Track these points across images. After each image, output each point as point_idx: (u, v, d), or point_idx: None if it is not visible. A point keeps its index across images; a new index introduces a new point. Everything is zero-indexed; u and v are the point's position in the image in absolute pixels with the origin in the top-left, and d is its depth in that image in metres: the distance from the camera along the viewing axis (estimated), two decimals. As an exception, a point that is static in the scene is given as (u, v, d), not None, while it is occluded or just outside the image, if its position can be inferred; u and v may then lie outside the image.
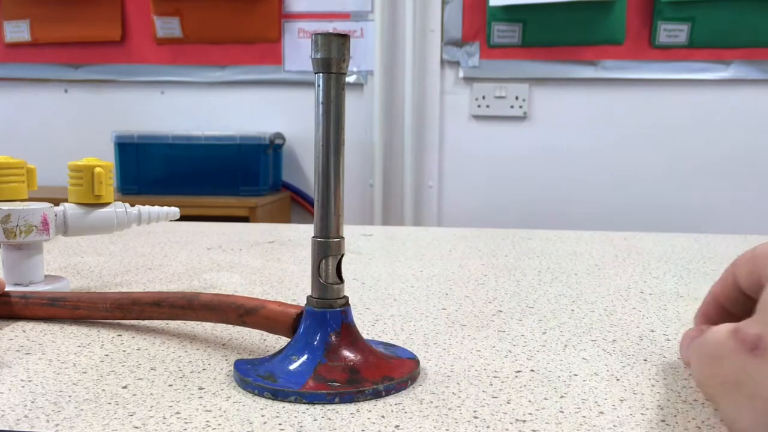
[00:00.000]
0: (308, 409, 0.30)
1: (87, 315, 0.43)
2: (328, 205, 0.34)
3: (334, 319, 0.34)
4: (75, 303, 0.43)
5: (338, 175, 0.34)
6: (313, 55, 0.33)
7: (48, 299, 0.44)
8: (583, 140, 2.18)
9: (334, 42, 0.33)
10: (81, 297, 0.44)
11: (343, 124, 0.34)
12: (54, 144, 2.32)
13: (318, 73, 0.33)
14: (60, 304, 0.44)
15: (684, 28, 2.06)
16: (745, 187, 2.13)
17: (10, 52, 2.37)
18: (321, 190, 0.34)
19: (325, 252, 0.34)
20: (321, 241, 0.34)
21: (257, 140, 2.09)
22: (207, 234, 0.83)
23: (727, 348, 0.26)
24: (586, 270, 0.64)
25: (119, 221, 0.52)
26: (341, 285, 0.34)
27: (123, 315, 0.42)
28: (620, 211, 2.16)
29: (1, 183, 0.48)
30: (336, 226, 0.34)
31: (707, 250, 0.75)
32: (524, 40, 2.14)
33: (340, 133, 0.34)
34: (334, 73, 0.33)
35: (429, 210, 2.26)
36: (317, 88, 0.33)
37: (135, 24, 2.31)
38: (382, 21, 2.18)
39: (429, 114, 2.22)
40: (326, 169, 0.33)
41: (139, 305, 0.42)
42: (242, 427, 0.28)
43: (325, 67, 0.33)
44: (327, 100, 0.33)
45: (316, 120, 0.33)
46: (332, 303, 0.34)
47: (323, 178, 0.34)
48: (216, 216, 1.85)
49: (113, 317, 0.43)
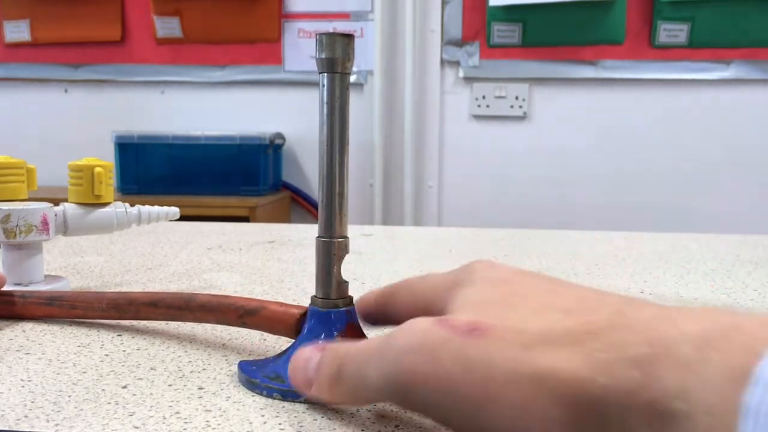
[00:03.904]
0: (308, 409, 0.30)
1: (83, 315, 0.43)
2: (333, 204, 0.34)
3: (339, 319, 0.34)
4: (72, 302, 0.43)
5: (342, 175, 0.34)
6: (317, 55, 0.33)
7: (46, 299, 0.44)
8: (583, 140, 2.18)
9: (338, 42, 0.33)
10: (78, 296, 0.44)
11: (348, 124, 0.34)
12: (54, 144, 2.32)
13: (323, 73, 0.33)
14: (57, 303, 0.43)
15: (684, 27, 2.06)
16: (745, 187, 2.13)
17: (10, 52, 2.37)
18: (326, 190, 0.34)
19: (330, 252, 0.34)
20: (326, 241, 0.34)
21: (257, 140, 2.09)
22: (207, 234, 0.83)
23: (440, 338, 0.23)
24: (586, 270, 0.64)
25: (119, 221, 0.52)
26: (346, 284, 0.34)
27: (119, 315, 0.42)
28: (620, 211, 2.16)
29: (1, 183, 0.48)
30: (340, 225, 0.34)
31: (707, 250, 0.75)
32: (524, 40, 2.14)
33: (344, 133, 0.34)
34: (338, 73, 0.33)
35: (429, 210, 2.27)
36: (322, 88, 0.33)
37: (135, 24, 2.31)
38: (382, 21, 2.18)
39: (429, 114, 2.22)
40: (331, 169, 0.33)
41: (136, 305, 0.41)
42: (242, 427, 0.28)
43: (330, 66, 0.33)
44: (332, 100, 0.33)
45: (321, 120, 0.33)
46: (337, 303, 0.34)
47: (328, 178, 0.34)
48: (216, 216, 1.85)
49: (109, 317, 0.43)
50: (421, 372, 0.23)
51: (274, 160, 2.22)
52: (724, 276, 0.62)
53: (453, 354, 0.22)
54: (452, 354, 0.22)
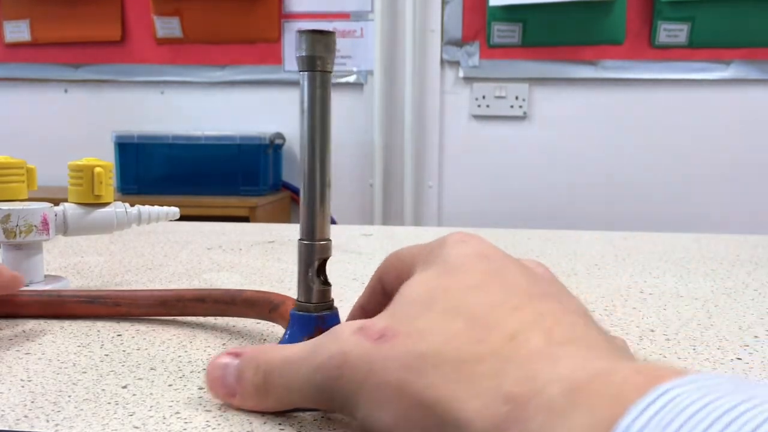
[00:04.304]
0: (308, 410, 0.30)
1: (127, 312, 0.44)
2: (314, 207, 0.33)
3: (312, 324, 0.33)
4: (116, 300, 0.44)
5: (324, 177, 0.33)
6: (297, 53, 0.32)
7: (87, 297, 0.44)
8: (583, 140, 2.18)
9: (319, 39, 0.32)
10: (121, 294, 0.44)
11: (329, 124, 0.33)
12: (54, 144, 2.32)
13: (303, 72, 0.32)
14: (100, 301, 0.44)
15: (684, 28, 2.06)
16: (745, 187, 2.13)
17: (10, 52, 2.37)
18: (307, 192, 0.33)
19: (311, 255, 0.33)
20: (307, 244, 0.33)
21: (257, 140, 2.09)
22: (207, 234, 0.83)
23: (352, 343, 0.24)
24: (586, 270, 0.64)
25: (119, 221, 0.52)
26: (326, 288, 0.33)
27: (166, 311, 0.43)
28: (620, 211, 2.16)
29: (1, 183, 0.48)
30: (322, 228, 0.34)
31: (707, 250, 0.75)
32: (524, 40, 2.14)
33: (326, 133, 0.33)
34: (319, 71, 0.32)
35: (429, 210, 2.27)
36: (302, 87, 0.33)
37: (135, 24, 2.31)
38: (382, 21, 2.18)
39: (429, 114, 2.22)
40: (312, 171, 0.33)
41: (183, 301, 0.42)
42: (242, 427, 0.28)
43: (310, 65, 0.32)
44: (312, 100, 0.32)
45: (302, 120, 0.33)
46: (312, 307, 0.33)
47: (309, 180, 0.33)
48: (216, 216, 1.85)
49: (155, 314, 0.43)
50: (336, 376, 0.25)
51: (274, 160, 2.22)
52: (724, 276, 0.62)
53: (360, 357, 0.24)
54: (359, 357, 0.24)
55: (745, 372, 0.37)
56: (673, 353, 0.40)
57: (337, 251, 0.73)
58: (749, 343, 0.42)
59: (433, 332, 0.23)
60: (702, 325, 0.46)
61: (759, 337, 0.43)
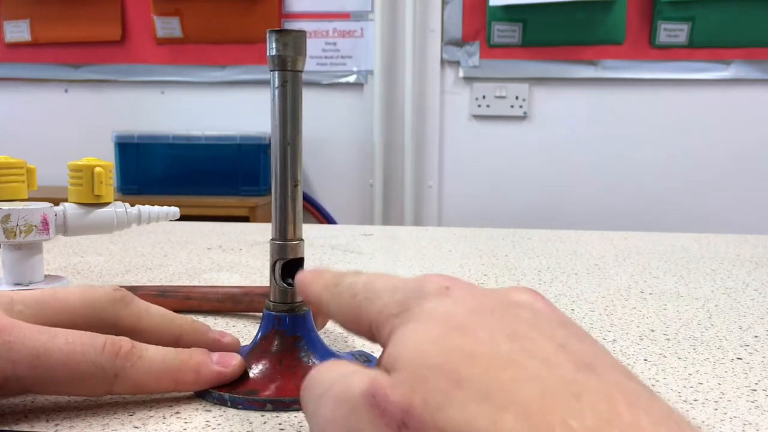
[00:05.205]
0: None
1: (198, 306, 0.45)
2: (285, 207, 0.33)
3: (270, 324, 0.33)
4: (186, 294, 0.45)
5: (296, 177, 0.33)
6: (268, 53, 0.32)
7: (157, 290, 0.45)
8: (583, 140, 2.18)
9: (290, 38, 0.32)
10: (192, 289, 0.46)
11: (300, 124, 0.33)
12: (54, 144, 2.32)
13: (273, 71, 0.32)
14: (170, 295, 0.45)
15: (684, 27, 2.06)
16: (745, 187, 2.13)
17: (10, 52, 2.37)
18: (279, 192, 0.33)
19: (282, 255, 0.33)
20: (279, 244, 0.34)
21: (257, 140, 2.09)
22: (207, 234, 0.83)
23: (365, 421, 0.19)
24: (586, 270, 0.64)
25: (119, 221, 0.52)
26: (287, 289, 0.33)
27: (233, 306, 0.45)
28: (620, 211, 2.16)
29: (1, 183, 0.48)
30: (293, 229, 0.33)
31: (707, 250, 0.75)
32: (524, 39, 2.14)
33: (296, 133, 0.33)
34: (290, 71, 0.32)
35: (429, 210, 2.27)
36: (272, 87, 0.32)
37: (135, 24, 2.31)
38: (382, 21, 2.18)
39: (429, 114, 2.22)
40: (283, 171, 0.33)
41: (250, 296, 0.44)
42: (242, 427, 0.28)
43: (281, 64, 0.32)
44: (283, 99, 0.32)
45: (272, 120, 0.33)
46: (271, 306, 0.33)
47: (280, 180, 0.33)
48: (216, 216, 1.85)
49: (223, 308, 0.45)
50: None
51: (274, 160, 2.22)
52: (724, 276, 0.62)
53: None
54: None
55: (745, 372, 0.37)
56: (673, 353, 0.40)
57: (338, 251, 0.73)
58: (749, 342, 0.42)
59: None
60: (702, 325, 0.46)
61: (759, 337, 0.43)
